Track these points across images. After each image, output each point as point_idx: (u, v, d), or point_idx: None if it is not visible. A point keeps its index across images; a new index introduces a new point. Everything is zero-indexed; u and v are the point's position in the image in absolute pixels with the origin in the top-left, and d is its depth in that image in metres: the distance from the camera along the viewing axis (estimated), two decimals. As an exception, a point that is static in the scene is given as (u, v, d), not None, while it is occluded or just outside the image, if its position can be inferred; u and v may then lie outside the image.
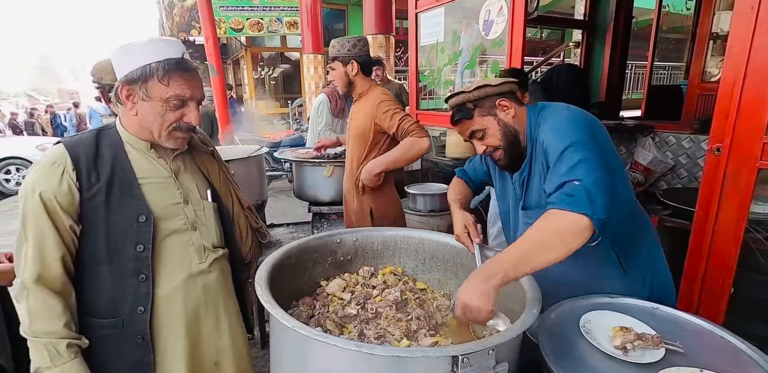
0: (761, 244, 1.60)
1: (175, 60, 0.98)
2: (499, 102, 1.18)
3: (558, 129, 1.09)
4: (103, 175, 1.01)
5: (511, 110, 1.18)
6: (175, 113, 1.02)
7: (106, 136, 1.07)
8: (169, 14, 9.93)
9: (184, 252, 1.11)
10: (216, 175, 1.25)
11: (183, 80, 1.00)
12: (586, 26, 4.14)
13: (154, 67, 0.97)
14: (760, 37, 1.33)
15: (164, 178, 1.10)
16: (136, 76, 0.97)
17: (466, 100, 1.19)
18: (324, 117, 3.88)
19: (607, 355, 0.90)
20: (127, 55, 0.98)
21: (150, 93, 0.98)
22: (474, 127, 1.20)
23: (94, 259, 1.02)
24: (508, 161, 1.22)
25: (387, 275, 1.32)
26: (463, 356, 0.73)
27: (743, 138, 1.42)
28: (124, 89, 0.99)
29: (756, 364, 0.88)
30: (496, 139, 1.19)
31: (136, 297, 1.04)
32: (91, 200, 1.00)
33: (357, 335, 1.08)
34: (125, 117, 1.06)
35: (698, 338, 0.97)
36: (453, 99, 1.23)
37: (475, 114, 1.19)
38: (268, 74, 11.51)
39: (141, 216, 1.04)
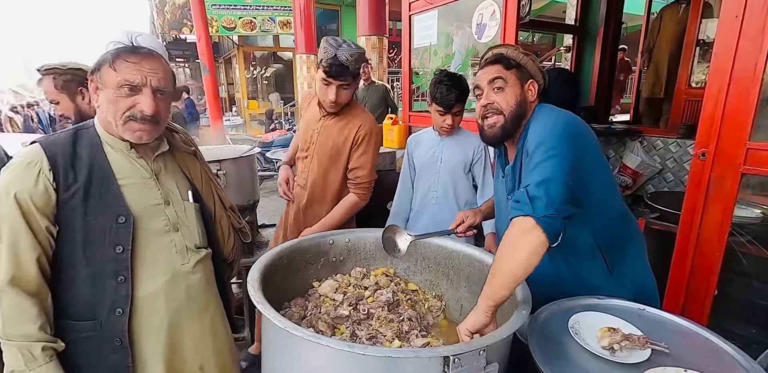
0: (744, 247, 1.64)
1: (129, 46, 0.98)
2: (531, 81, 1.19)
3: (536, 132, 1.10)
4: (81, 176, 0.99)
5: (534, 95, 1.19)
6: (127, 100, 0.97)
7: (84, 135, 1.04)
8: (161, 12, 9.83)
9: (166, 253, 1.09)
10: (198, 175, 1.23)
11: (131, 64, 0.96)
12: (577, 31, 4.20)
13: (106, 54, 0.97)
14: (745, 45, 1.37)
15: (144, 179, 1.07)
16: (95, 66, 0.98)
17: (514, 58, 1.18)
18: None
19: (595, 355, 0.92)
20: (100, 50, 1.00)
21: (103, 80, 0.97)
22: (503, 75, 1.17)
23: (71, 260, 1.00)
24: (498, 132, 1.18)
25: (379, 276, 1.32)
26: (455, 357, 0.74)
27: (727, 143, 1.45)
28: (91, 81, 0.99)
29: (738, 364, 0.90)
30: (509, 103, 1.16)
31: (114, 299, 1.01)
32: (68, 200, 0.97)
33: (349, 335, 1.09)
34: (98, 112, 1.04)
35: (683, 339, 0.99)
36: (502, 48, 1.21)
37: (513, 70, 1.17)
38: (260, 74, 11.45)
39: (120, 217, 1.01)
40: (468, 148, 1.86)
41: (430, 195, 1.93)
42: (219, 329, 1.22)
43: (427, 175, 1.95)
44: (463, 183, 1.90)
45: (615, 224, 1.20)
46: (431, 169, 1.91)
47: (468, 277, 1.27)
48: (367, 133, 1.66)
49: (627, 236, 1.25)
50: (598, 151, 1.17)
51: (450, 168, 1.88)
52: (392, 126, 3.42)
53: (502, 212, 1.32)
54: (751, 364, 0.89)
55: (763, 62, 1.34)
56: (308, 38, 7.27)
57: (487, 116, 1.19)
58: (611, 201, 1.19)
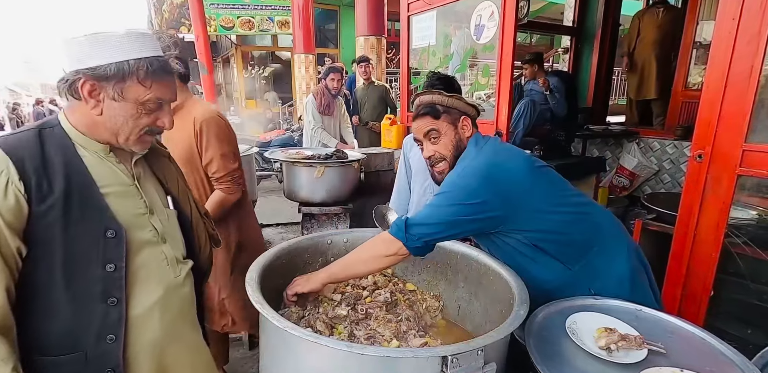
0: (740, 248, 1.65)
1: (159, 61, 0.89)
2: (463, 119, 1.25)
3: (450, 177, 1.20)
4: (57, 185, 0.85)
5: (468, 131, 1.26)
6: (150, 117, 0.92)
7: (49, 136, 0.89)
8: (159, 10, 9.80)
9: (158, 267, 0.99)
10: (174, 180, 1.13)
11: (165, 83, 0.91)
12: (575, 33, 4.22)
13: (134, 65, 0.85)
14: (741, 47, 1.38)
15: (126, 186, 0.96)
16: (109, 73, 0.84)
17: (439, 103, 1.25)
18: (312, 116, 3.88)
19: (591, 355, 0.92)
20: (98, 46, 0.84)
21: (125, 94, 0.87)
22: (435, 126, 1.24)
23: (46, 285, 0.85)
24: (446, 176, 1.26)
25: (377, 277, 1.33)
26: (453, 357, 0.74)
27: (724, 145, 1.46)
28: (87, 84, 0.85)
29: (733, 364, 0.91)
30: (448, 149, 1.25)
31: (104, 325, 0.89)
32: (44, 215, 0.83)
33: (347, 335, 1.09)
34: (79, 115, 0.91)
35: (679, 339, 1.00)
36: (427, 96, 1.27)
37: (443, 117, 1.24)
38: (258, 73, 11.43)
39: (109, 231, 0.89)
40: None
41: (425, 197, 1.93)
42: (204, 344, 1.15)
43: (422, 177, 1.95)
44: None
45: (563, 231, 1.19)
46: (426, 171, 1.91)
47: (466, 277, 1.28)
48: (201, 125, 1.53)
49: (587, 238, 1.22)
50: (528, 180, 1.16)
51: None
52: (390, 126, 3.42)
53: None
54: (746, 364, 0.90)
55: (759, 64, 1.35)
56: (307, 38, 7.27)
57: (434, 165, 1.29)
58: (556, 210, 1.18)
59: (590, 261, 1.21)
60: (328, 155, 2.76)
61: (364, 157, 2.93)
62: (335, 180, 2.68)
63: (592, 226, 1.24)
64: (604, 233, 1.25)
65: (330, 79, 3.85)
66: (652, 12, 3.94)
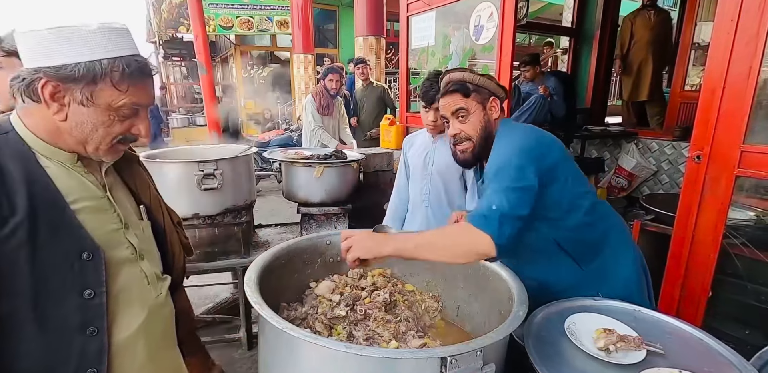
0: (738, 249, 1.65)
1: (137, 61, 0.78)
2: (492, 99, 1.22)
3: (495, 158, 1.15)
4: (20, 203, 0.72)
5: (497, 113, 1.23)
6: (124, 124, 0.80)
7: (3, 144, 0.76)
8: (157, 10, 9.78)
9: (139, 287, 0.89)
10: (145, 188, 1.01)
11: (143, 86, 0.80)
12: (574, 33, 4.23)
13: (107, 65, 0.74)
14: (739, 48, 1.38)
15: (98, 199, 0.84)
16: (78, 74, 0.73)
17: (470, 81, 1.22)
18: (312, 117, 3.88)
19: (590, 356, 0.92)
20: (64, 42, 0.73)
21: (96, 98, 0.76)
22: (464, 105, 1.22)
23: (14, 319, 0.74)
24: (470, 157, 1.25)
25: (376, 277, 1.32)
26: (452, 357, 0.74)
27: (722, 146, 1.47)
28: (50, 85, 0.73)
29: (731, 365, 0.91)
30: (475, 129, 1.22)
31: (83, 358, 0.79)
32: (7, 240, 0.72)
33: (346, 336, 1.09)
34: (38, 119, 0.78)
35: (678, 340, 1.00)
36: (458, 73, 1.24)
37: (472, 96, 1.21)
38: (257, 73, 11.42)
39: (84, 253, 0.78)
40: None
41: (422, 197, 1.93)
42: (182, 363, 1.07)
43: (419, 178, 1.95)
44: (455, 186, 1.89)
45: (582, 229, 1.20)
46: (423, 171, 1.91)
47: (465, 278, 1.28)
48: None
49: (602, 238, 1.24)
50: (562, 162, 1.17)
51: (441, 171, 1.86)
52: (389, 126, 3.43)
53: None
54: (744, 365, 0.90)
55: (757, 66, 1.35)
56: (306, 38, 7.27)
57: (457, 143, 1.26)
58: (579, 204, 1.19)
59: (602, 263, 1.23)
60: (327, 155, 2.76)
61: (363, 158, 2.92)
62: (334, 180, 2.68)
63: (607, 226, 1.26)
64: (615, 235, 1.27)
65: (329, 80, 3.85)
66: (643, 14, 4.00)
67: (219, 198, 2.43)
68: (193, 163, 2.32)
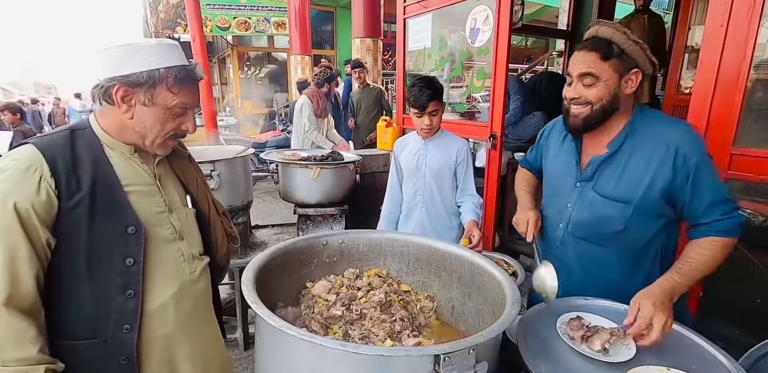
0: (729, 249, 1.67)
1: (186, 69, 0.97)
2: (635, 72, 1.09)
3: (690, 145, 1.09)
4: (85, 182, 0.91)
5: (633, 87, 1.10)
6: (176, 121, 1.00)
7: (81, 137, 0.96)
8: (154, 10, 9.76)
9: (175, 263, 1.06)
10: (193, 180, 1.20)
11: (191, 89, 0.99)
12: (569, 36, 4.26)
13: (163, 73, 0.94)
14: (729, 53, 1.41)
15: (148, 186, 1.03)
16: (142, 80, 0.93)
17: (619, 42, 1.06)
18: (308, 118, 3.88)
19: (582, 355, 0.94)
20: (130, 56, 0.93)
21: (155, 99, 0.95)
22: (597, 70, 1.07)
23: (72, 275, 0.93)
24: (582, 122, 1.14)
25: (372, 277, 1.34)
26: (445, 355, 0.75)
27: (713, 149, 1.47)
28: (121, 90, 0.94)
29: (720, 364, 0.93)
30: (599, 97, 1.09)
31: (121, 315, 0.96)
32: (72, 210, 0.90)
33: (342, 335, 1.10)
34: (110, 118, 0.99)
35: (668, 339, 1.02)
36: (608, 29, 1.08)
37: (612, 61, 1.07)
38: (254, 74, 11.41)
39: (130, 227, 0.96)
40: (451, 151, 1.88)
41: (416, 199, 1.95)
42: (220, 338, 1.22)
43: (412, 180, 1.97)
44: (449, 186, 1.92)
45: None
46: (416, 173, 1.94)
47: (459, 278, 1.29)
48: None
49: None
50: None
51: (434, 172, 1.89)
52: (386, 128, 3.44)
53: (561, 196, 1.29)
54: (732, 364, 0.92)
55: (746, 70, 1.38)
56: (303, 39, 7.27)
57: (574, 104, 1.14)
58: None
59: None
60: (324, 157, 2.77)
61: (360, 159, 2.94)
62: (331, 181, 2.69)
63: None
64: None
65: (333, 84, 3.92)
66: (637, 19, 4.09)
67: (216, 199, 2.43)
68: (190, 164, 2.32)
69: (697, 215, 1.10)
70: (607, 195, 1.17)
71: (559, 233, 1.29)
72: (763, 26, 1.35)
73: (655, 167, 1.10)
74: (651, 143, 1.12)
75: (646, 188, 1.12)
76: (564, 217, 1.27)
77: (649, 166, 1.11)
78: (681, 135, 1.10)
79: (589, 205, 1.21)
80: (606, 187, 1.18)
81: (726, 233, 1.07)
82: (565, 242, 1.29)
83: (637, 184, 1.13)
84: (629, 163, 1.14)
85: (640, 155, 1.13)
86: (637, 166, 1.13)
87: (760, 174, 1.40)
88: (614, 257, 1.22)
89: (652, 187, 1.11)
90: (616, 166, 1.16)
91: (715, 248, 1.07)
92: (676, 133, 1.11)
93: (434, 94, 1.76)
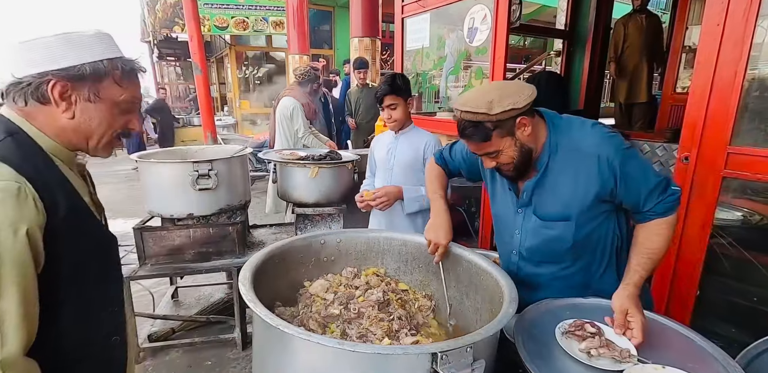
0: (725, 249, 1.68)
1: (130, 61, 0.89)
2: (519, 121, 1.09)
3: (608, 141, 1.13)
4: (60, 197, 0.81)
5: (529, 127, 1.11)
6: (123, 118, 0.91)
7: (23, 144, 0.82)
8: (152, 9, 9.72)
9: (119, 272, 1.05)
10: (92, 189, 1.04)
11: (137, 83, 0.91)
12: (567, 36, 4.27)
13: (107, 65, 0.84)
14: (726, 53, 1.41)
15: (89, 196, 0.94)
16: (86, 73, 0.82)
17: (485, 121, 1.08)
18: (301, 122, 3.80)
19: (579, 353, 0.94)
20: (69, 46, 0.82)
21: (102, 94, 0.85)
22: (490, 149, 1.12)
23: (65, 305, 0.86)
24: (516, 174, 1.19)
25: (370, 276, 1.34)
26: (442, 354, 0.75)
27: (709, 148, 1.50)
28: (58, 86, 0.82)
29: (715, 360, 0.93)
30: (510, 158, 1.14)
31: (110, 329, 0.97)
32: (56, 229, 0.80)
33: (339, 334, 1.10)
34: (45, 119, 0.85)
35: (664, 337, 1.02)
36: (471, 115, 1.08)
37: (494, 135, 1.09)
38: (252, 73, 11.39)
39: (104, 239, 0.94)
40: (419, 145, 1.95)
41: None
42: None
43: (382, 173, 2.06)
44: (415, 181, 1.96)
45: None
46: (386, 166, 2.02)
47: (457, 277, 1.29)
48: None
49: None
50: None
51: (402, 165, 1.97)
52: (384, 127, 3.44)
53: (507, 223, 1.31)
54: (727, 361, 0.92)
55: (743, 69, 1.38)
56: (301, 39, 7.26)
57: (499, 168, 1.19)
58: None
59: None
60: (322, 156, 2.77)
61: (358, 158, 2.94)
62: (329, 181, 2.69)
63: None
64: None
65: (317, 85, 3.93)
66: (635, 19, 4.12)
67: (214, 198, 2.43)
68: (188, 164, 2.32)
69: (638, 205, 1.14)
70: (548, 216, 1.20)
71: (513, 259, 1.32)
72: (760, 26, 1.36)
73: (584, 179, 1.13)
74: (574, 157, 1.14)
75: (581, 201, 1.14)
76: (515, 244, 1.30)
77: (577, 180, 1.14)
78: (598, 141, 1.13)
79: (535, 229, 1.24)
80: (545, 209, 1.21)
81: (667, 212, 1.13)
82: (521, 267, 1.31)
83: (571, 200, 1.16)
84: (558, 180, 1.17)
85: (567, 171, 1.15)
86: (566, 183, 1.16)
87: (756, 173, 1.41)
88: (576, 268, 1.24)
89: (585, 198, 1.14)
90: (548, 186, 1.19)
91: (663, 229, 1.13)
92: (592, 140, 1.13)
93: (391, 90, 1.87)
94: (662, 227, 1.13)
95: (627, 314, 1.04)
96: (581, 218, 1.16)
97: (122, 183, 7.09)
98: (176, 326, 2.61)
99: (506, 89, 1.09)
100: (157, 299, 2.95)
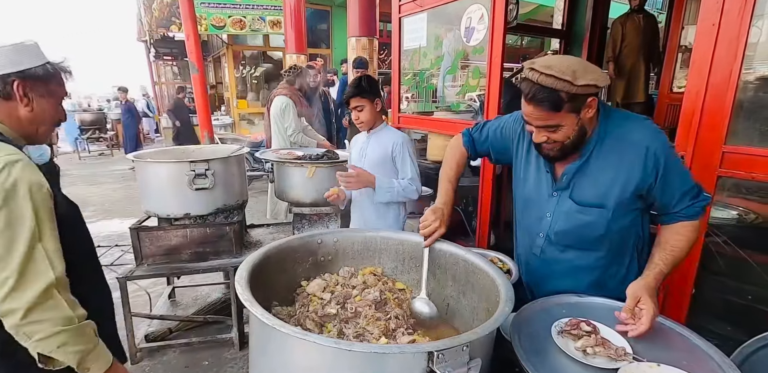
0: (721, 247, 1.69)
1: (62, 63, 1.12)
2: (590, 101, 1.06)
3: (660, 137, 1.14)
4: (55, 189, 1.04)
5: (593, 110, 1.09)
6: (60, 109, 1.14)
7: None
8: (148, 8, 9.68)
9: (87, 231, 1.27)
10: None
11: (65, 82, 1.15)
12: (564, 35, 4.28)
13: (50, 67, 1.07)
14: (721, 52, 1.42)
15: None
16: (39, 73, 1.04)
17: (564, 90, 1.02)
18: (292, 121, 3.78)
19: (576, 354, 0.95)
20: (22, 53, 1.04)
21: (52, 91, 1.09)
22: (553, 121, 1.07)
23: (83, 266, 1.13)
24: (560, 155, 1.16)
25: (367, 276, 1.34)
26: (438, 352, 0.75)
27: (704, 147, 1.50)
28: (21, 84, 1.03)
29: (710, 358, 0.94)
30: (566, 136, 1.10)
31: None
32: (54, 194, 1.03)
33: (336, 333, 1.10)
34: (11, 112, 1.05)
35: (658, 334, 1.03)
36: (552, 80, 1.01)
37: (564, 108, 1.04)
38: (249, 73, 11.36)
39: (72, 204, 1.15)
40: (388, 145, 1.99)
41: (358, 190, 2.01)
42: None
43: None
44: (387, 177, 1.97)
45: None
46: (358, 164, 2.05)
47: (454, 276, 1.29)
48: None
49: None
50: None
51: (372, 163, 2.01)
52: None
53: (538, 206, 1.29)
54: (722, 359, 0.93)
55: (738, 69, 1.39)
56: (298, 38, 7.24)
57: (545, 145, 1.15)
58: None
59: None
60: (319, 156, 2.77)
61: (355, 158, 2.93)
62: (326, 180, 2.69)
63: None
64: None
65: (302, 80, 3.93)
66: (632, 19, 4.14)
67: (211, 198, 2.43)
68: (185, 163, 2.31)
69: (670, 206, 1.16)
70: (585, 202, 1.20)
71: (539, 242, 1.32)
72: (754, 25, 1.36)
73: (627, 169, 1.14)
74: (621, 146, 1.15)
75: (621, 190, 1.15)
76: (544, 227, 1.29)
77: (620, 169, 1.14)
78: (649, 135, 1.13)
79: (569, 213, 1.23)
80: (582, 194, 1.20)
81: (694, 216, 1.16)
82: (545, 251, 1.31)
83: (611, 188, 1.16)
84: (602, 168, 1.17)
85: (612, 159, 1.15)
86: (609, 170, 1.16)
87: (751, 172, 1.41)
88: (600, 258, 1.26)
89: (625, 188, 1.15)
90: (590, 172, 1.19)
91: (688, 231, 1.16)
92: (643, 133, 1.14)
93: (356, 92, 1.93)
94: (687, 228, 1.15)
95: (639, 301, 1.05)
96: (617, 209, 1.17)
97: (118, 183, 7.07)
98: (173, 326, 2.61)
99: (588, 66, 1.05)
100: (154, 299, 2.95)
